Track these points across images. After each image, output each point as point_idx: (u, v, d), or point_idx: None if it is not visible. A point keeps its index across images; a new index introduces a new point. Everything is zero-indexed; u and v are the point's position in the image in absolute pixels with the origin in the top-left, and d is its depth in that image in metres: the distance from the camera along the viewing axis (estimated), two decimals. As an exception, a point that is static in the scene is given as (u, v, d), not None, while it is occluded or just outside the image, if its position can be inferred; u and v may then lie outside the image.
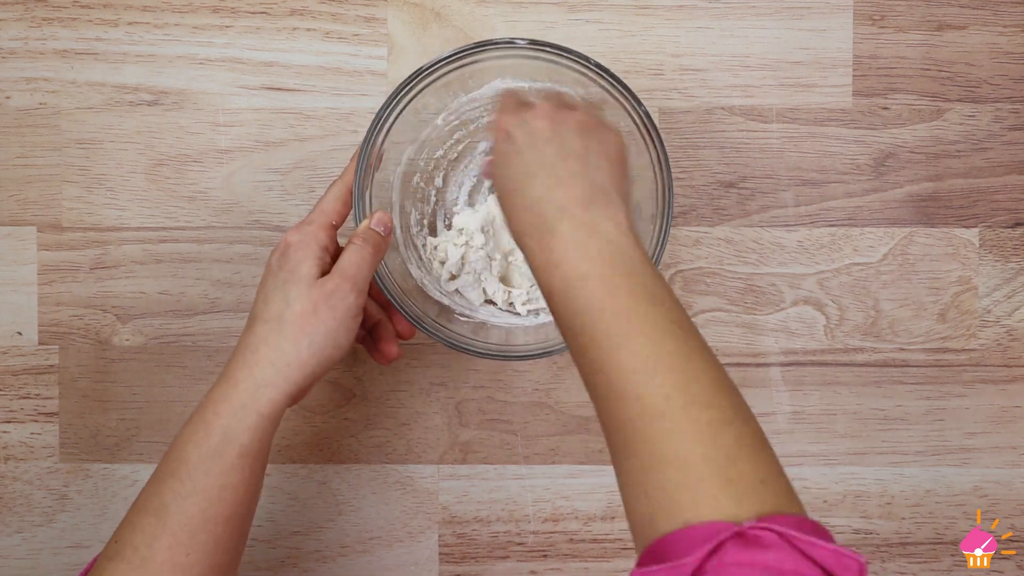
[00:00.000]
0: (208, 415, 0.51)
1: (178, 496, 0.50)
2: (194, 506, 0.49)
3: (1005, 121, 0.68)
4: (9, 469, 0.69)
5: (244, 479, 0.51)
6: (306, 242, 0.54)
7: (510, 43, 0.59)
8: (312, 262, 0.53)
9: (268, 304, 0.53)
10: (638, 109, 0.59)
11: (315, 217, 0.56)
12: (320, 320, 0.52)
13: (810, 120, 0.68)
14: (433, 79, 0.60)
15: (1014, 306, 0.69)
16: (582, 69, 0.59)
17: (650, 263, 0.47)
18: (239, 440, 0.50)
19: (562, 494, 0.69)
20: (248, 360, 0.52)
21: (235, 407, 0.51)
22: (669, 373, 0.43)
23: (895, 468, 0.69)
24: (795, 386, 0.69)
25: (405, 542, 0.69)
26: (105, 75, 0.68)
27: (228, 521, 0.50)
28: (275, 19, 0.68)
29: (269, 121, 0.68)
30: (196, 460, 0.50)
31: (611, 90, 0.60)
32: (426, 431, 0.69)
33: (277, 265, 0.54)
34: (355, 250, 0.55)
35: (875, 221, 0.68)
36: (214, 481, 0.50)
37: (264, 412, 0.51)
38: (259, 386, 0.51)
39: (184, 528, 0.49)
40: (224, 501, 0.50)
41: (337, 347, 0.53)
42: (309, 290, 0.52)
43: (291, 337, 0.52)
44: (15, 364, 0.69)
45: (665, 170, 0.59)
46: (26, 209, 0.68)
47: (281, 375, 0.51)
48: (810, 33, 0.68)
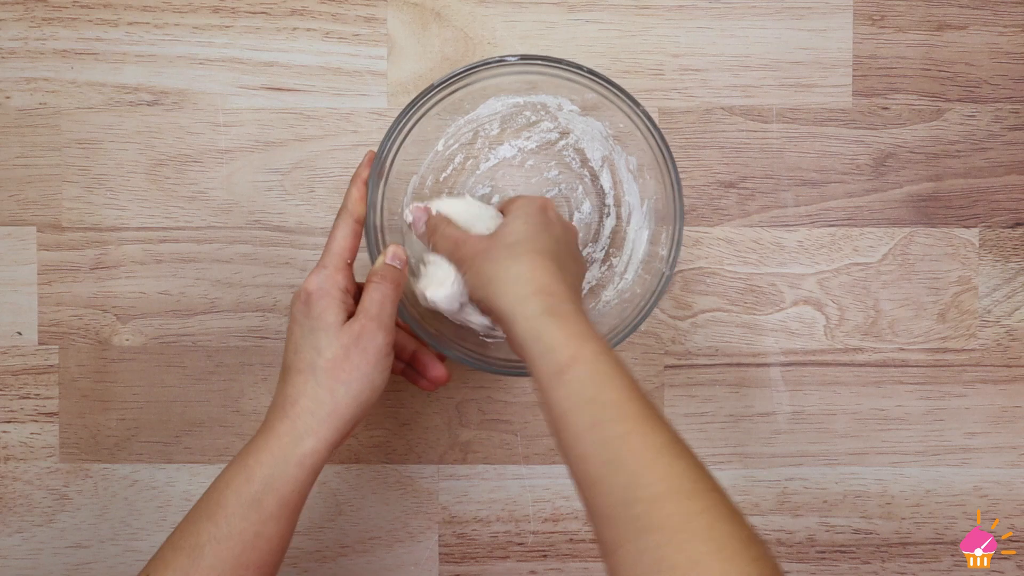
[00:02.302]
0: (250, 462, 0.51)
1: (213, 539, 0.50)
2: (228, 551, 0.50)
3: (1005, 121, 0.68)
4: (9, 469, 0.69)
5: (279, 529, 0.51)
6: (326, 289, 0.54)
7: (501, 61, 0.59)
8: (336, 308, 0.53)
9: (299, 354, 0.53)
10: (636, 109, 0.59)
11: (329, 261, 0.56)
12: (353, 365, 0.52)
13: (810, 120, 0.68)
14: (428, 107, 0.60)
15: (1014, 306, 0.69)
16: (574, 76, 0.60)
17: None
18: (280, 491, 0.51)
19: (562, 494, 0.69)
20: (288, 412, 0.52)
21: (277, 458, 0.51)
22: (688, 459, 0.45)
23: (895, 468, 0.69)
24: (795, 386, 0.69)
25: (405, 542, 0.69)
26: (105, 75, 0.68)
27: (259, 568, 0.51)
28: (275, 19, 0.68)
29: (269, 121, 0.68)
30: (235, 506, 0.50)
31: (606, 93, 0.60)
32: (426, 431, 0.69)
33: (303, 314, 0.54)
34: (375, 288, 0.55)
35: (875, 221, 0.68)
36: (250, 528, 0.50)
37: (306, 463, 0.51)
38: (300, 436, 0.51)
39: (215, 570, 0.49)
40: (258, 549, 0.50)
41: (374, 389, 0.54)
42: (338, 337, 0.53)
43: (327, 386, 0.52)
44: (15, 364, 0.69)
45: (671, 165, 0.59)
46: (26, 209, 0.68)
47: (323, 424, 0.52)
48: (810, 33, 0.68)
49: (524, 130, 0.67)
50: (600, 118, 0.65)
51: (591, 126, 0.66)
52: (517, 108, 0.66)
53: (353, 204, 0.58)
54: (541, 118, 0.67)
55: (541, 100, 0.66)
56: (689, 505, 0.42)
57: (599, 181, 0.67)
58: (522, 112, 0.66)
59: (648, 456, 0.44)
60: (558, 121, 0.67)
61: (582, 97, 0.63)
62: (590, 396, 0.46)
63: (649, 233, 0.65)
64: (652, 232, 0.64)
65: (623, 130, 0.64)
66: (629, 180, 0.66)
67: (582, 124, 0.66)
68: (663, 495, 0.43)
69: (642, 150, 0.62)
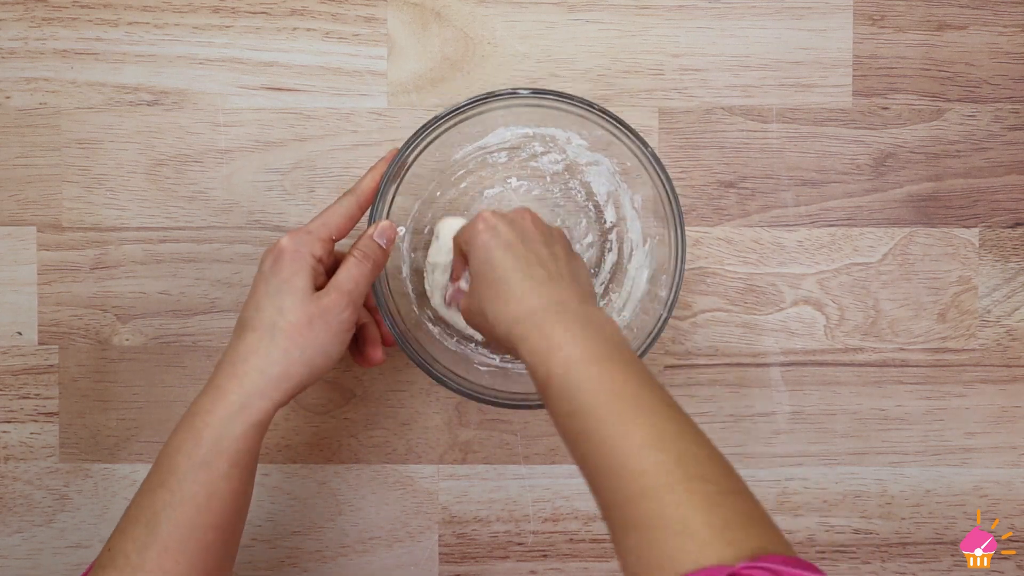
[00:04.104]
0: (197, 424, 0.51)
1: (167, 505, 0.50)
2: (183, 515, 0.50)
3: (1005, 121, 0.68)
4: (9, 469, 0.69)
5: (232, 488, 0.51)
6: (301, 253, 0.54)
7: (513, 93, 0.59)
8: (307, 274, 0.53)
9: (260, 311, 0.53)
10: (643, 148, 0.60)
11: (315, 227, 0.55)
12: (314, 334, 0.52)
13: (810, 120, 0.68)
14: (436, 135, 0.61)
15: (1014, 306, 0.69)
16: (585, 113, 0.60)
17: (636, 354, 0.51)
18: (228, 450, 0.51)
19: (562, 494, 0.69)
20: (237, 371, 0.52)
21: (224, 418, 0.51)
22: (670, 450, 0.45)
23: (895, 468, 0.69)
24: (795, 386, 0.69)
25: (405, 542, 0.69)
26: (105, 75, 0.68)
27: (217, 529, 0.51)
28: (275, 19, 0.68)
29: (269, 121, 0.68)
30: (185, 469, 0.50)
31: (613, 131, 0.60)
32: (426, 431, 0.69)
33: (270, 271, 0.54)
34: (354, 264, 0.55)
35: (875, 221, 0.68)
36: (202, 490, 0.50)
37: (253, 421, 0.51)
38: (249, 396, 0.51)
39: (173, 536, 0.49)
40: (212, 510, 0.50)
41: (328, 359, 0.54)
42: (305, 303, 0.52)
43: (282, 347, 0.52)
44: (15, 364, 0.69)
45: (674, 202, 0.60)
46: (26, 209, 0.68)
47: (271, 384, 0.52)
48: (810, 33, 0.68)
49: (531, 160, 0.67)
50: (608, 154, 0.65)
51: (599, 161, 0.66)
52: (527, 139, 0.66)
53: (363, 189, 0.58)
54: (549, 149, 0.66)
55: (551, 132, 0.65)
56: (664, 499, 0.43)
57: (603, 216, 0.67)
58: (531, 143, 0.66)
59: (624, 458, 0.45)
60: (566, 154, 0.66)
61: (591, 133, 0.63)
62: (569, 409, 0.47)
63: (649, 273, 0.65)
64: (653, 272, 0.64)
65: (630, 168, 0.63)
66: (633, 217, 0.66)
67: (589, 158, 0.66)
68: (638, 494, 0.43)
69: (648, 188, 0.62)
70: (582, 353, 0.48)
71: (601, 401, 0.47)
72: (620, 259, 0.67)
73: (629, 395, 0.47)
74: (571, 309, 0.51)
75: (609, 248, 0.67)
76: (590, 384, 0.47)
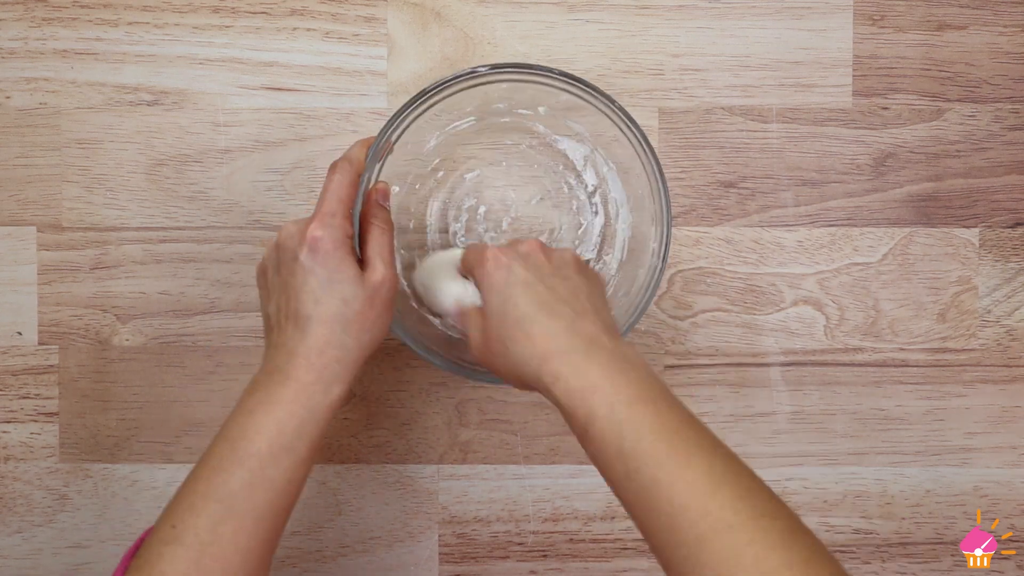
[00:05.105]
0: (279, 413, 0.51)
1: (246, 486, 0.50)
2: (262, 497, 0.50)
3: (1005, 121, 0.68)
4: (9, 469, 0.69)
5: (304, 474, 0.52)
6: (339, 239, 0.54)
7: (472, 73, 0.59)
8: (352, 259, 0.54)
9: (320, 304, 0.53)
10: (612, 106, 0.59)
11: (336, 208, 0.54)
12: (376, 313, 0.54)
13: (810, 120, 0.68)
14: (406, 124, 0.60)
15: (1014, 306, 0.69)
16: (547, 80, 0.60)
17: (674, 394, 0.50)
18: (311, 435, 0.52)
19: (562, 494, 0.69)
20: (315, 363, 0.52)
21: (307, 407, 0.52)
22: (732, 487, 0.45)
23: (895, 468, 0.69)
24: (795, 386, 0.69)
25: (405, 542, 0.69)
26: (105, 75, 0.68)
27: (286, 512, 0.52)
28: (275, 19, 0.68)
29: (269, 121, 0.68)
30: (267, 453, 0.51)
31: (582, 95, 0.60)
32: (426, 431, 0.69)
33: (317, 263, 0.53)
34: (380, 234, 0.56)
35: (875, 221, 0.68)
36: (282, 475, 0.51)
37: (334, 407, 0.53)
38: (329, 384, 0.52)
39: (250, 515, 0.50)
40: (289, 495, 0.51)
41: (385, 329, 0.55)
42: (363, 288, 0.53)
43: (354, 335, 0.53)
44: (15, 364, 0.69)
45: (652, 158, 0.59)
46: (26, 209, 0.68)
47: (347, 370, 0.53)
48: (810, 33, 0.68)
49: (505, 136, 0.67)
50: (580, 120, 0.65)
51: (571, 128, 0.66)
52: (497, 114, 0.66)
53: (355, 157, 0.57)
54: (520, 125, 0.67)
55: (519, 109, 0.66)
56: (734, 538, 0.43)
57: (583, 181, 0.67)
58: (501, 118, 0.66)
59: (684, 497, 0.44)
60: (538, 125, 0.67)
61: (559, 100, 0.63)
62: (614, 451, 0.47)
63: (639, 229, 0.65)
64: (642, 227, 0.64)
65: (603, 129, 0.64)
66: (613, 178, 0.66)
67: (562, 126, 0.66)
68: (705, 534, 0.43)
69: (623, 147, 0.62)
70: (627, 393, 0.48)
71: (654, 441, 0.46)
72: (608, 220, 0.67)
73: (683, 435, 0.47)
74: (604, 347, 0.50)
75: (595, 212, 0.67)
76: (641, 424, 0.47)
